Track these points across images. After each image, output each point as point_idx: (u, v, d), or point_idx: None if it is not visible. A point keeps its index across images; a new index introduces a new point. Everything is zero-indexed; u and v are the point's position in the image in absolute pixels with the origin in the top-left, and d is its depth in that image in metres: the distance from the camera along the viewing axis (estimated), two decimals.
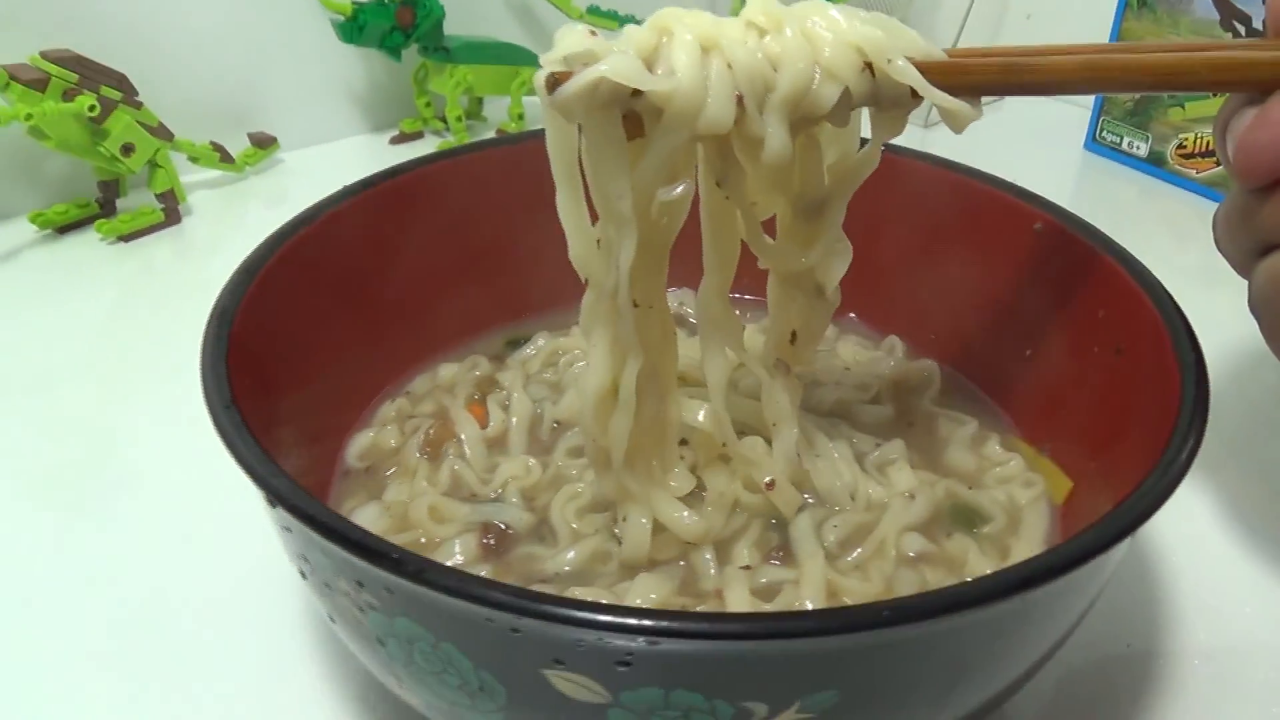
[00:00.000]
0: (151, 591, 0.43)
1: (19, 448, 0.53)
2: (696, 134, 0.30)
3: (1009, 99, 0.99)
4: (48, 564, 0.45)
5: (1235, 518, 0.48)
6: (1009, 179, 0.46)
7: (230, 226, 0.77)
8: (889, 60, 0.30)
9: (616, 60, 0.28)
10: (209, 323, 0.35)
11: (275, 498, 0.27)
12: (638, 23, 0.90)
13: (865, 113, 0.33)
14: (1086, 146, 0.88)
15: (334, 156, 0.87)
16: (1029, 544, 0.38)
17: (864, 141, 0.35)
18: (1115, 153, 0.86)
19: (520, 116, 0.87)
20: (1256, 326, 0.35)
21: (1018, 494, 0.41)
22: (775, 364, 0.38)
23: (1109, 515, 0.26)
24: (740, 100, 0.30)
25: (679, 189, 0.31)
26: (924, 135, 0.89)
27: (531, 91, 0.88)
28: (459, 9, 0.84)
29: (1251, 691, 0.39)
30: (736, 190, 0.33)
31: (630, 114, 0.30)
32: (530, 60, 0.88)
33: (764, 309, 0.39)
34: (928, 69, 0.31)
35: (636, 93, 0.29)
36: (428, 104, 0.87)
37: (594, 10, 0.90)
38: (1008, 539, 0.39)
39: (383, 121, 0.90)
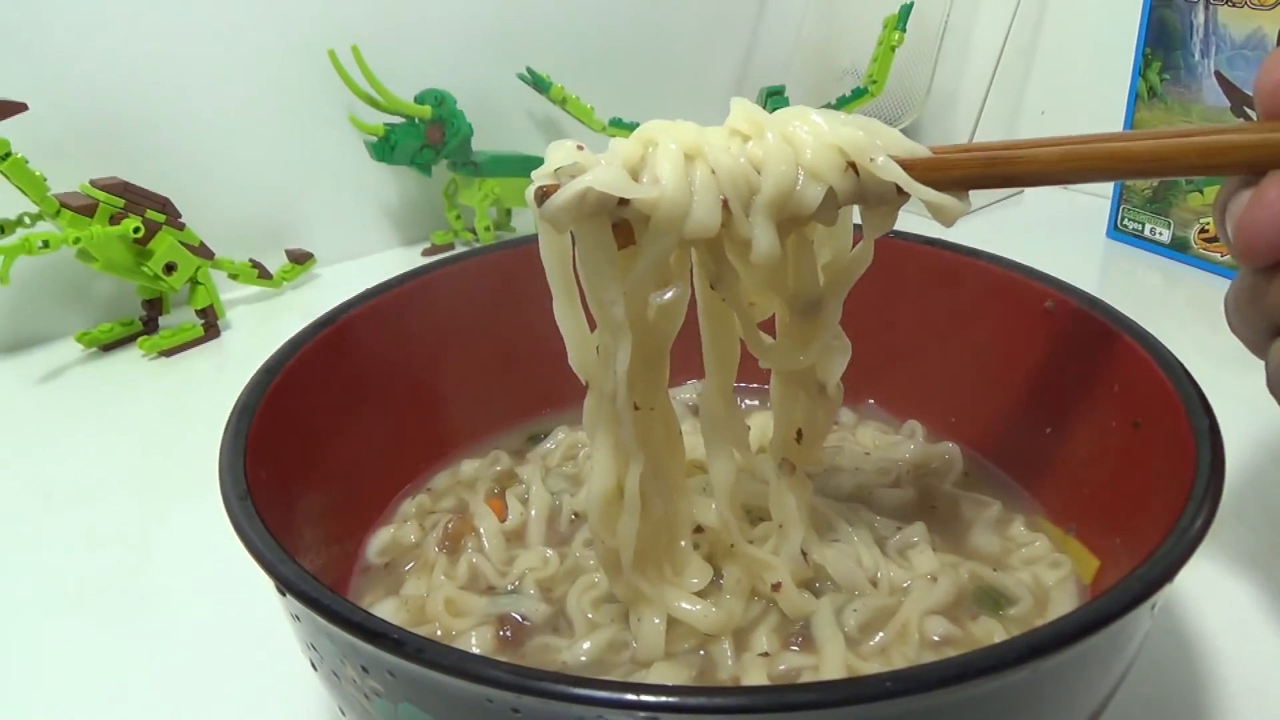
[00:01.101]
0: (184, 697, 0.43)
1: (63, 558, 0.54)
2: (684, 238, 0.31)
3: (1029, 192, 1.00)
4: (88, 670, 0.45)
5: (1275, 605, 0.46)
6: (1035, 266, 0.46)
7: (267, 340, 0.77)
8: (871, 159, 0.31)
9: (601, 171, 0.30)
10: (229, 419, 0.36)
11: (281, 582, 0.27)
12: None
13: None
14: (1109, 235, 0.89)
15: (368, 270, 0.89)
16: None
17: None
18: (1138, 239, 0.86)
19: None
20: None
21: (1044, 575, 0.40)
22: (781, 463, 0.38)
23: (1120, 583, 0.26)
24: (726, 204, 0.31)
25: (671, 293, 0.32)
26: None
27: None
28: (486, 124, 0.88)
29: None
30: (731, 292, 0.34)
31: (620, 223, 0.31)
32: None
33: None
34: (912, 165, 0.32)
35: (624, 201, 0.30)
36: (458, 216, 0.90)
37: (616, 122, 0.93)
38: (1035, 620, 0.38)
39: (415, 235, 0.93)
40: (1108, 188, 0.88)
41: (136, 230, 0.69)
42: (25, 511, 0.58)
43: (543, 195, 0.31)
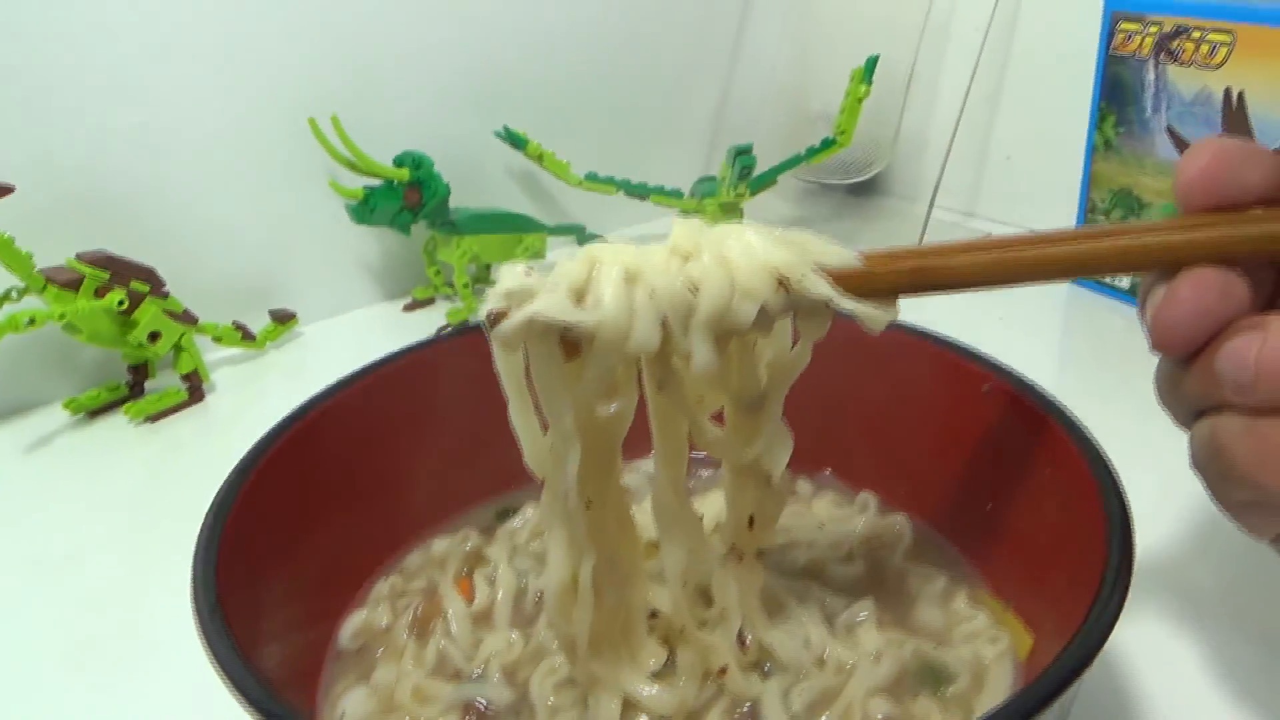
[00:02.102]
0: None
1: (55, 622, 0.56)
2: (627, 355, 0.33)
3: (995, 235, 1.02)
4: None
5: (1215, 670, 0.48)
6: (999, 317, 0.47)
7: (251, 400, 0.81)
8: (801, 277, 0.33)
9: (546, 299, 0.32)
10: (202, 526, 0.38)
11: (253, 706, 0.29)
12: (634, 188, 0.95)
13: None
14: (1073, 281, 0.91)
15: (351, 326, 0.92)
16: (992, 703, 0.39)
17: None
18: (1100, 285, 0.88)
19: None
20: None
21: (984, 651, 0.42)
22: (730, 550, 0.40)
23: (1013, 699, 0.28)
24: (665, 323, 0.33)
25: (616, 406, 0.34)
26: None
27: (535, 256, 0.94)
28: (464, 181, 0.90)
29: None
30: (676, 395, 0.36)
31: (568, 338, 0.33)
32: (531, 227, 0.93)
33: None
34: (843, 277, 0.34)
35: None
36: (437, 272, 0.93)
37: (592, 177, 0.96)
38: (972, 698, 0.40)
39: (396, 290, 0.95)
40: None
41: (121, 303, 0.71)
42: (15, 577, 0.60)
43: (494, 319, 0.33)
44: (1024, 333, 0.80)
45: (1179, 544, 0.56)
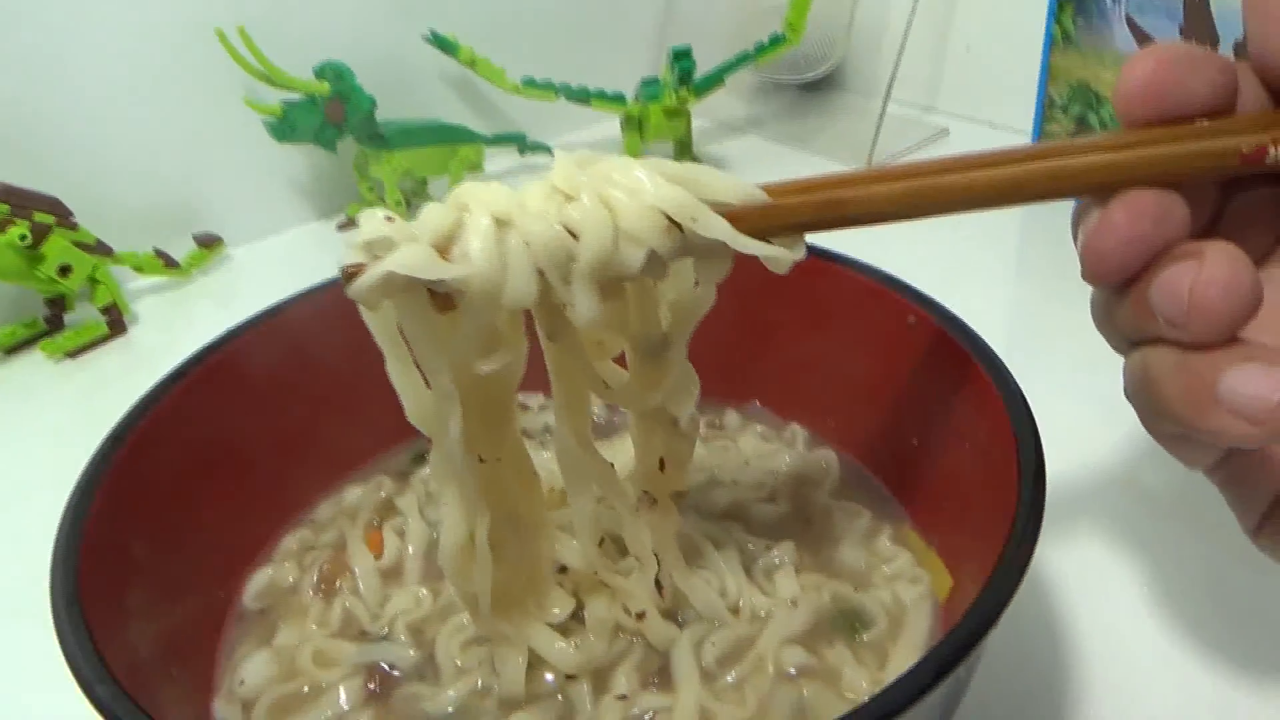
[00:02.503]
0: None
1: None
2: (502, 309, 0.30)
3: (953, 134, 0.99)
4: (26, 666, 0.46)
5: (1157, 585, 0.47)
6: (953, 224, 0.44)
7: (179, 330, 0.78)
8: (694, 219, 0.30)
9: (405, 253, 0.29)
10: (70, 497, 0.36)
11: (100, 709, 0.27)
12: (575, 93, 0.91)
13: None
14: None
15: (283, 248, 0.88)
16: (908, 648, 0.38)
17: None
18: None
19: None
20: None
21: (903, 592, 0.41)
22: (641, 497, 0.38)
23: (909, 672, 0.27)
24: (543, 273, 0.30)
25: (496, 364, 0.32)
26: None
27: (473, 169, 0.90)
28: (393, 92, 0.86)
29: None
30: (570, 343, 0.33)
31: (439, 291, 0.30)
32: (467, 137, 0.89)
33: None
34: (743, 215, 0.32)
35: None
36: (371, 188, 0.88)
37: (529, 82, 0.91)
38: (888, 644, 0.39)
39: (329, 208, 0.92)
40: (1029, 125, 0.87)
41: (24, 237, 0.67)
42: None
43: (349, 276, 0.30)
44: (980, 241, 0.78)
45: (1123, 457, 0.55)
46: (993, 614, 0.29)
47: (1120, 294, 0.32)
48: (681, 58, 0.88)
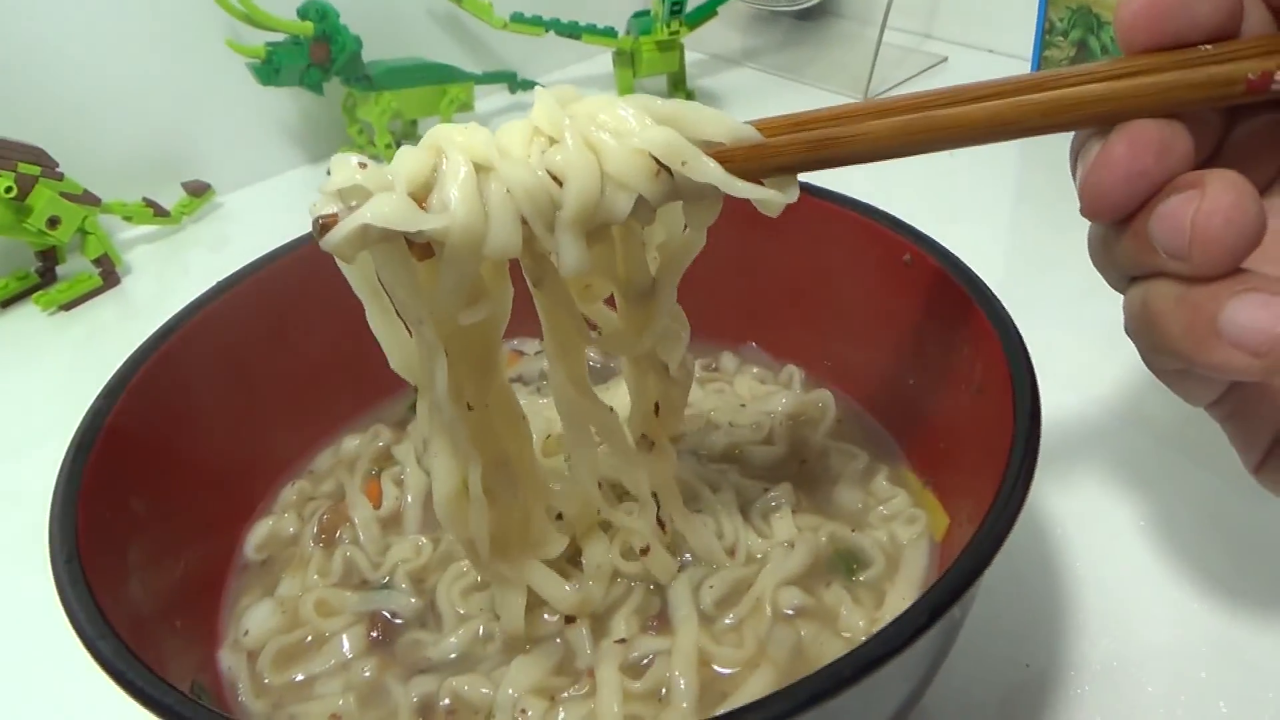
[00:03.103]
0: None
1: None
2: (484, 260, 0.30)
3: (952, 61, 0.97)
4: (29, 617, 0.47)
5: (1151, 519, 0.48)
6: (950, 152, 0.43)
7: (172, 280, 0.78)
8: (684, 162, 0.30)
9: (380, 203, 0.28)
10: (66, 453, 0.36)
11: (96, 658, 0.27)
12: (565, 27, 0.89)
13: None
14: None
15: (272, 194, 0.87)
16: (905, 588, 0.39)
17: None
18: None
19: None
20: None
21: (900, 532, 0.41)
22: (640, 440, 0.38)
23: (905, 613, 0.27)
24: (527, 221, 0.29)
25: (480, 314, 0.31)
26: None
27: (463, 109, 0.88)
28: (381, 32, 0.84)
29: (1151, 698, 0.40)
30: (556, 290, 0.33)
31: (417, 240, 0.30)
32: (456, 76, 0.87)
33: None
34: (734, 155, 0.31)
35: None
36: (360, 131, 0.87)
37: (517, 17, 0.89)
38: (884, 584, 0.39)
39: (318, 153, 0.90)
40: (1029, 51, 0.85)
41: (9, 190, 0.66)
42: None
43: (323, 228, 0.29)
44: (978, 166, 0.77)
45: (1123, 390, 0.55)
46: (987, 554, 0.29)
47: (1120, 229, 0.31)
48: None
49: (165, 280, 0.77)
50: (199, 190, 0.82)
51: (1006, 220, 0.77)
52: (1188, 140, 0.29)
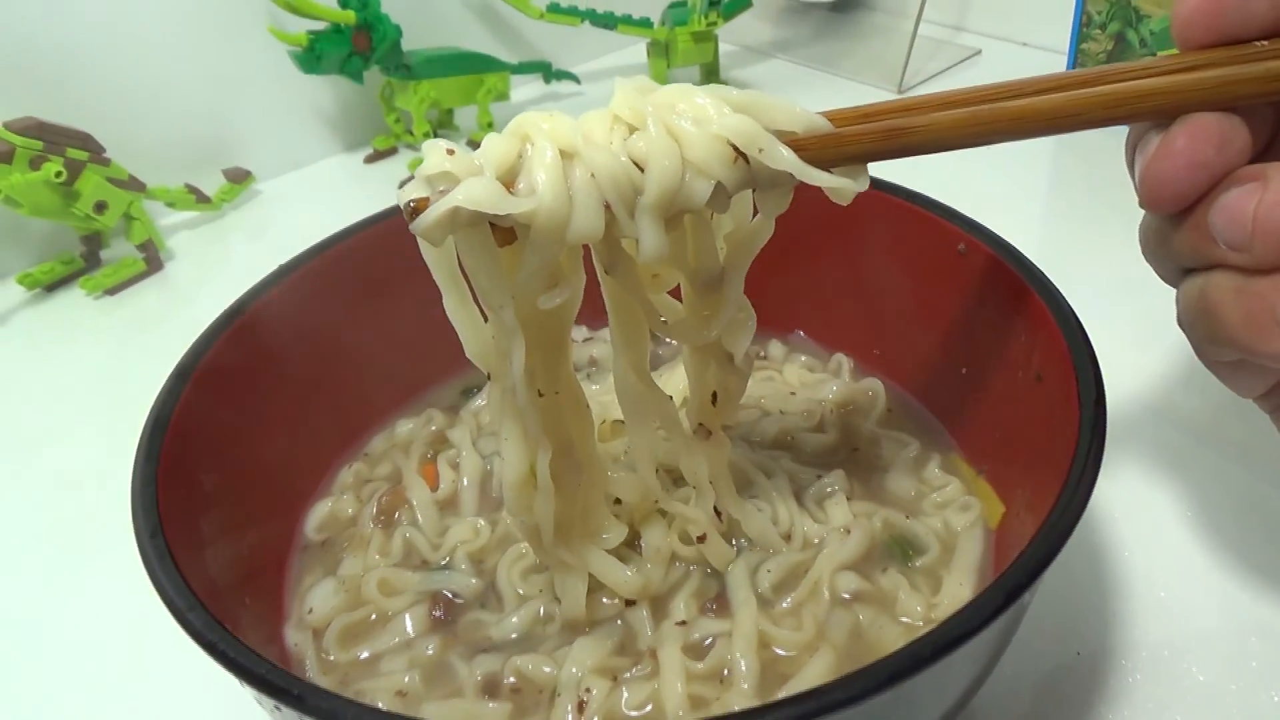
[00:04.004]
0: (148, 630, 0.45)
1: (35, 497, 0.56)
2: (568, 244, 0.30)
3: (986, 53, 0.97)
4: (66, 596, 0.49)
5: (1195, 509, 0.48)
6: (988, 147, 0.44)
7: (213, 265, 0.78)
8: (760, 150, 0.30)
9: (471, 186, 0.29)
10: (140, 438, 0.36)
11: (192, 635, 0.28)
12: (600, 18, 0.89)
13: None
14: None
15: (310, 181, 0.88)
16: (960, 574, 0.39)
17: None
18: None
19: (489, 125, 0.87)
20: None
21: (954, 519, 0.41)
22: (697, 429, 0.38)
23: (971, 605, 0.27)
24: (609, 206, 0.30)
25: (559, 298, 0.32)
26: None
27: (499, 98, 0.88)
28: (419, 22, 0.84)
29: (1202, 686, 0.40)
30: (628, 278, 0.33)
31: (501, 225, 0.30)
32: (492, 66, 0.87)
33: None
34: (807, 145, 0.31)
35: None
36: (397, 120, 0.88)
37: (554, 7, 0.89)
38: (940, 570, 0.40)
39: (355, 141, 0.91)
40: (1065, 45, 0.85)
41: (59, 174, 0.67)
42: None
43: (413, 211, 0.30)
44: (1014, 156, 0.77)
45: (1166, 381, 0.55)
46: (1060, 537, 0.29)
47: (1177, 220, 0.32)
48: None
49: (206, 266, 0.78)
50: (239, 177, 0.83)
51: (1039, 213, 0.77)
52: (1246, 133, 0.30)
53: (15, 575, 0.51)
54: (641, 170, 0.30)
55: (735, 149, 0.30)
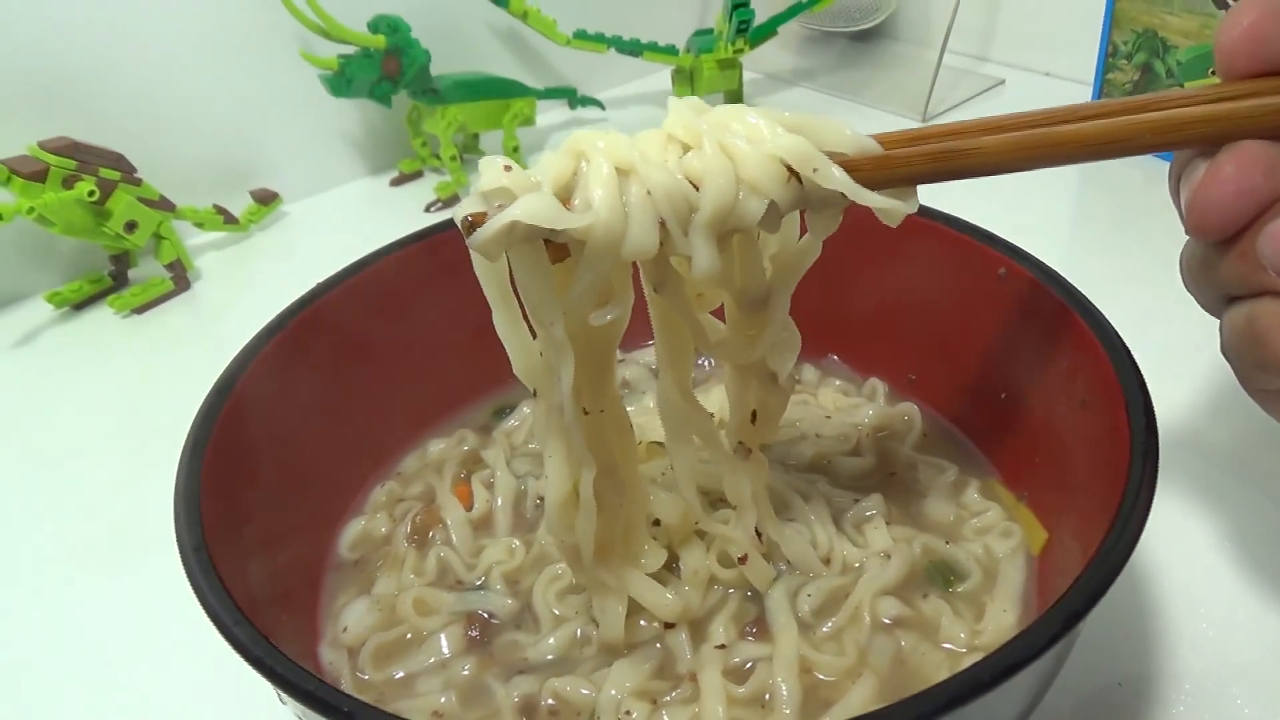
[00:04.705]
0: (177, 641, 0.45)
1: (59, 515, 0.56)
2: (621, 260, 0.30)
3: (1009, 83, 0.97)
4: (89, 616, 0.48)
5: (1230, 540, 0.47)
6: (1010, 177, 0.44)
7: (240, 286, 0.79)
8: (814, 169, 0.30)
9: (529, 201, 0.29)
10: (182, 454, 0.36)
11: (237, 648, 0.28)
12: (626, 45, 0.89)
13: None
14: None
15: (336, 204, 0.88)
16: (1004, 601, 0.39)
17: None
18: None
19: (515, 149, 0.87)
20: None
21: (995, 546, 0.41)
22: (737, 447, 0.38)
23: (1032, 628, 0.27)
24: (663, 224, 0.30)
25: (610, 315, 0.32)
26: None
27: (525, 123, 0.89)
28: (446, 47, 0.85)
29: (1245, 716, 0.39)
30: (675, 295, 0.33)
31: (555, 241, 0.30)
32: (519, 91, 0.88)
33: None
34: (859, 166, 0.31)
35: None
36: (424, 144, 0.88)
37: (580, 34, 0.90)
38: (983, 596, 0.39)
39: (381, 164, 0.91)
40: (1089, 75, 0.85)
41: (92, 193, 0.68)
42: (9, 475, 0.60)
43: (470, 225, 0.30)
44: (1038, 187, 0.77)
45: (1191, 412, 0.55)
46: (1120, 560, 0.29)
47: (1222, 248, 0.32)
48: (740, 7, 0.87)
49: (233, 286, 0.78)
50: (266, 199, 0.83)
51: (1064, 245, 0.76)
52: None
53: (40, 591, 0.51)
54: (696, 188, 0.30)
55: (789, 168, 0.30)
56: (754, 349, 0.36)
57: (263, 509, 0.39)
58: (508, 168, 0.30)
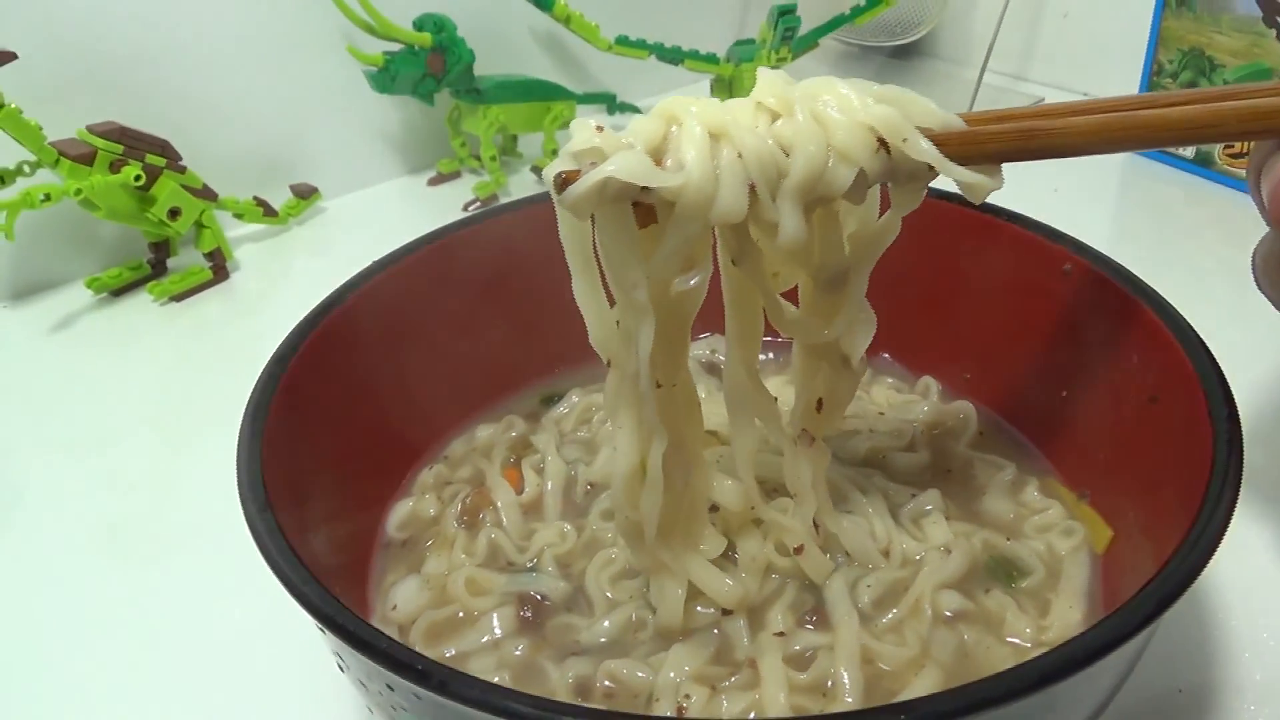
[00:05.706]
0: (212, 631, 0.45)
1: (91, 501, 0.55)
2: (709, 224, 0.30)
3: (1049, 101, 0.97)
4: (120, 605, 0.48)
5: None
6: (1054, 186, 0.44)
7: (277, 278, 0.79)
8: (904, 139, 0.30)
9: (623, 159, 0.29)
10: (242, 422, 0.36)
11: (309, 609, 0.27)
12: (667, 52, 0.89)
13: None
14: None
15: (374, 201, 0.89)
16: (1069, 598, 0.38)
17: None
18: (1160, 154, 0.84)
19: (554, 152, 0.87)
20: None
21: (1057, 544, 0.40)
22: (800, 435, 0.38)
23: (1130, 602, 0.26)
24: (753, 188, 0.29)
25: (694, 279, 0.31)
26: None
27: (564, 126, 0.89)
28: (489, 48, 0.85)
29: None
30: (754, 269, 0.33)
31: (642, 203, 0.30)
32: (561, 94, 0.88)
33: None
34: (945, 141, 0.31)
35: (646, 188, 0.29)
36: (463, 144, 0.88)
37: (622, 40, 0.90)
38: (1047, 593, 0.38)
39: (420, 163, 0.92)
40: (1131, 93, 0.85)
41: (138, 178, 0.68)
42: (49, 460, 0.59)
43: (563, 182, 0.30)
44: (1079, 203, 0.76)
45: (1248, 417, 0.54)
46: (1209, 547, 0.28)
47: None
48: (787, 14, 0.87)
49: (271, 278, 0.78)
50: (306, 193, 0.84)
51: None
52: None
53: (75, 575, 0.50)
54: (786, 154, 0.30)
55: (878, 138, 0.30)
56: (829, 328, 0.36)
57: (317, 482, 0.39)
58: (600, 128, 0.30)
